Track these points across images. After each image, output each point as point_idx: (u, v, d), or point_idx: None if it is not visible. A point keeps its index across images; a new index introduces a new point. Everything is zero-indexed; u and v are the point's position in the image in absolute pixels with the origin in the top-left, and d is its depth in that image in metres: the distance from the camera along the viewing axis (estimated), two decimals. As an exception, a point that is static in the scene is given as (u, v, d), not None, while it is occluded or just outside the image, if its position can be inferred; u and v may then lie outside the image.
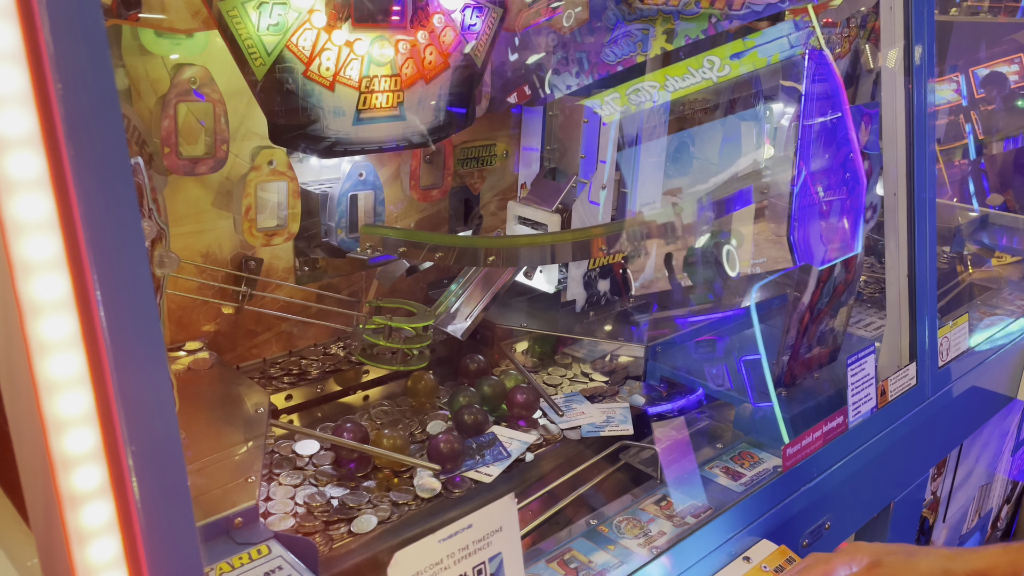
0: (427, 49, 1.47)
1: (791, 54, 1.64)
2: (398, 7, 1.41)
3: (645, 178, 1.85)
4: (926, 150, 1.61)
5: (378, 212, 1.64)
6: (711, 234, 2.01)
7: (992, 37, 3.49)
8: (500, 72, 1.74)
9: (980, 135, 2.96)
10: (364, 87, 1.41)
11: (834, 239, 1.58)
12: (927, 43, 1.61)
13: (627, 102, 1.69)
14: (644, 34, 1.69)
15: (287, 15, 1.28)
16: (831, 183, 1.61)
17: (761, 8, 1.60)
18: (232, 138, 1.40)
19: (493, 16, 1.56)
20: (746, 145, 2.06)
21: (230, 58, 1.24)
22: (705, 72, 1.63)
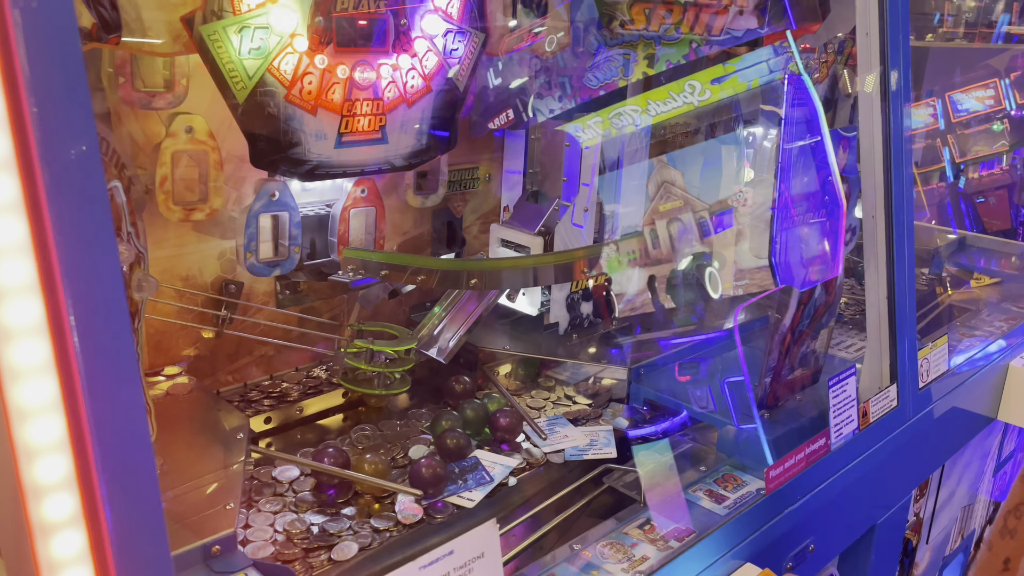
0: (409, 73, 1.48)
1: (771, 79, 1.66)
2: (380, 32, 1.42)
3: (628, 201, 1.86)
4: (903, 173, 1.63)
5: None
6: (693, 256, 2.02)
7: (968, 62, 3.56)
8: (483, 96, 1.75)
9: (957, 158, 3.00)
10: (346, 111, 1.41)
11: (815, 261, 1.59)
12: (903, 68, 1.64)
13: (609, 126, 1.70)
14: (626, 59, 1.71)
15: (269, 39, 1.28)
16: (811, 206, 1.63)
17: (740, 34, 1.62)
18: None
19: (475, 41, 1.57)
20: (727, 169, 2.08)
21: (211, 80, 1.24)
22: (686, 96, 1.65)
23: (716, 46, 1.63)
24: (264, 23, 1.27)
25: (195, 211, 1.41)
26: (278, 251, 1.53)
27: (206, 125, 1.38)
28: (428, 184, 1.74)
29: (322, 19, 1.33)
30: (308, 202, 1.56)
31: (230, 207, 1.46)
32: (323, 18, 1.33)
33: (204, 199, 1.41)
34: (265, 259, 1.51)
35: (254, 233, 1.49)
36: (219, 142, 1.39)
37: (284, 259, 1.53)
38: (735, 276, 2.08)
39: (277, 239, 1.53)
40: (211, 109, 1.36)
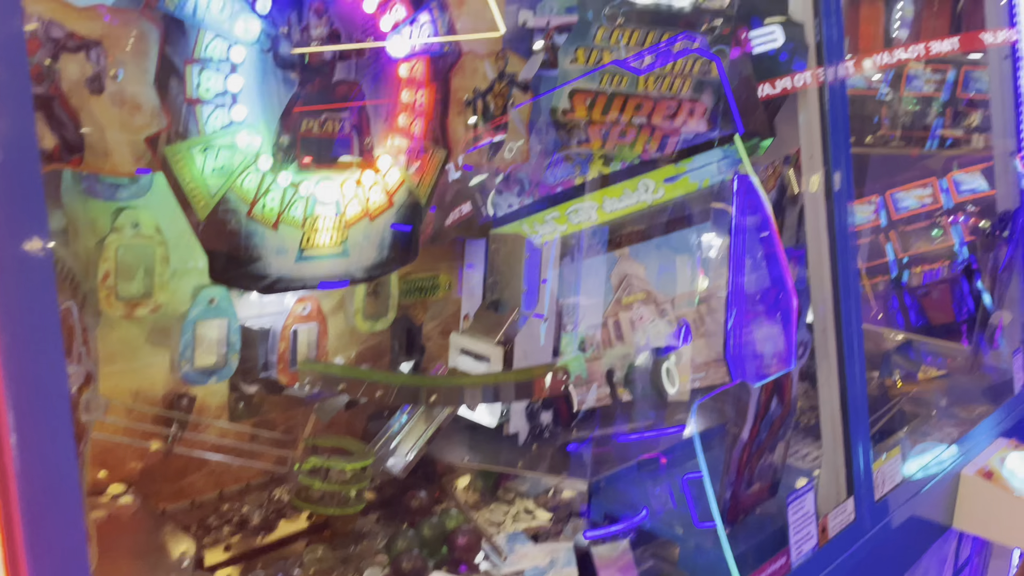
0: (372, 189, 1.50)
1: (721, 179, 1.73)
2: (345, 150, 1.44)
3: (587, 299, 1.89)
4: (849, 269, 1.69)
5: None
6: (650, 351, 2.04)
7: (907, 163, 3.74)
8: (443, 202, 1.78)
9: (899, 253, 3.11)
10: (308, 226, 1.41)
11: (769, 353, 1.62)
12: (845, 169, 1.72)
13: (566, 221, 1.74)
14: (583, 158, 1.76)
15: (233, 157, 1.29)
16: (764, 298, 1.67)
17: (691, 137, 1.70)
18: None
19: (437, 156, 1.60)
20: (680, 266, 2.13)
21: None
22: (640, 194, 1.70)
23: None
24: (229, 142, 1.28)
25: (139, 307, 1.36)
26: (215, 359, 1.47)
27: (153, 219, 1.35)
28: (379, 306, 1.72)
29: (287, 138, 1.35)
30: (248, 315, 1.53)
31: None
32: (288, 137, 1.35)
33: (149, 294, 1.37)
34: (201, 367, 1.46)
35: (190, 340, 1.43)
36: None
37: (221, 367, 1.48)
38: (692, 370, 2.11)
39: (215, 347, 1.48)
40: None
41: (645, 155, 1.75)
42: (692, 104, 1.71)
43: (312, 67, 1.37)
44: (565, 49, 1.66)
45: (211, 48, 1.23)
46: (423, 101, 1.55)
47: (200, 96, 1.24)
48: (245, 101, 1.28)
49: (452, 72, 1.61)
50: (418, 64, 1.53)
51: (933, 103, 10.09)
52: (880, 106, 9.55)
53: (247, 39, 1.27)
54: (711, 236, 2.16)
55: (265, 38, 1.29)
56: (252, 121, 1.30)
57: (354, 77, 1.43)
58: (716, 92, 1.70)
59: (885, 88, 9.41)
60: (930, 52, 2.36)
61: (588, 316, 1.95)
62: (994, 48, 2.70)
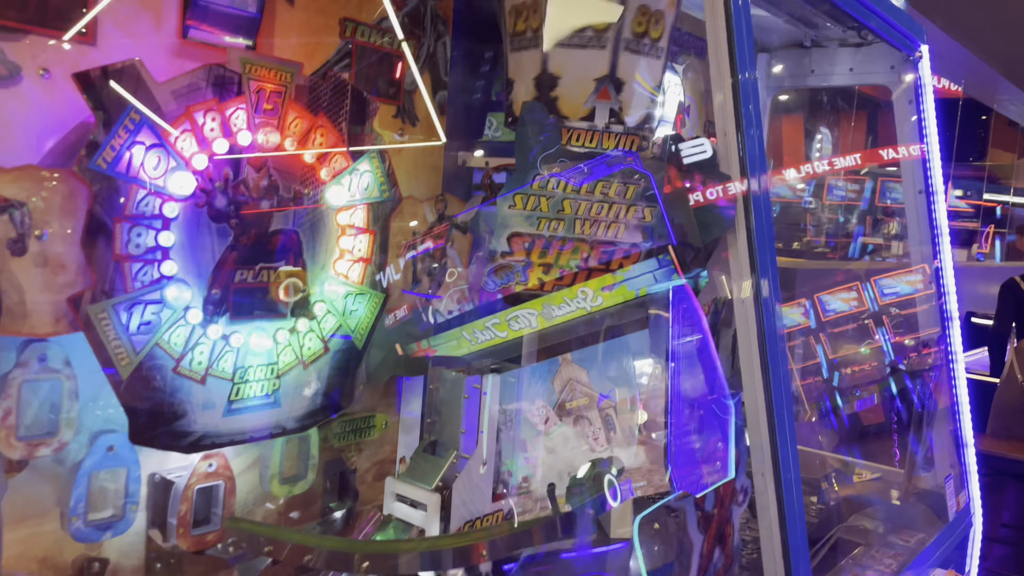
0: (307, 336, 1.47)
1: (656, 288, 1.75)
2: (278, 298, 1.41)
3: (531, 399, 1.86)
4: (780, 369, 1.71)
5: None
6: (591, 463, 2.01)
7: (832, 269, 3.89)
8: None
9: (829, 355, 3.18)
10: (238, 378, 1.37)
11: (709, 462, 1.61)
12: (771, 275, 1.76)
13: (507, 328, 1.72)
14: (524, 254, 1.77)
15: (161, 314, 1.25)
16: (702, 404, 1.67)
17: (627, 247, 1.73)
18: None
19: (375, 301, 1.59)
20: (621, 371, 2.13)
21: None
22: (580, 302, 1.70)
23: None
24: (157, 298, 1.24)
25: (41, 446, 1.23)
26: (112, 512, 1.34)
27: (62, 351, 1.23)
28: (298, 468, 1.61)
29: (219, 291, 1.32)
30: (152, 465, 1.41)
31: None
32: (220, 290, 1.32)
33: (53, 432, 1.24)
34: (95, 520, 1.32)
35: (83, 493, 1.29)
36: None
37: (119, 519, 1.34)
38: (633, 478, 2.07)
39: (111, 499, 1.34)
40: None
41: (583, 264, 1.78)
42: (627, 219, 1.75)
43: (248, 218, 1.35)
44: (503, 194, 1.69)
45: (143, 205, 1.21)
46: (362, 247, 1.55)
47: (129, 252, 1.21)
48: (176, 256, 1.26)
49: (392, 217, 1.61)
50: (357, 211, 1.53)
51: (854, 211, 10.64)
52: (805, 214, 10.00)
53: (181, 195, 1.25)
54: (650, 342, 2.17)
55: (200, 193, 1.27)
56: (183, 275, 1.27)
57: (292, 226, 1.42)
58: (650, 203, 1.74)
59: (809, 197, 9.88)
60: (842, 166, 2.48)
61: (528, 424, 1.91)
62: (906, 161, 2.84)
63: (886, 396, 2.97)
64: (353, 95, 1.50)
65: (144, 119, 1.20)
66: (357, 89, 1.51)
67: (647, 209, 1.73)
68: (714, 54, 1.67)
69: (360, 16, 1.62)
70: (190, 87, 1.25)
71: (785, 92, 3.01)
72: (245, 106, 1.31)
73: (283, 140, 1.38)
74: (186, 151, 1.25)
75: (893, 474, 2.78)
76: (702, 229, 1.81)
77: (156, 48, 1.32)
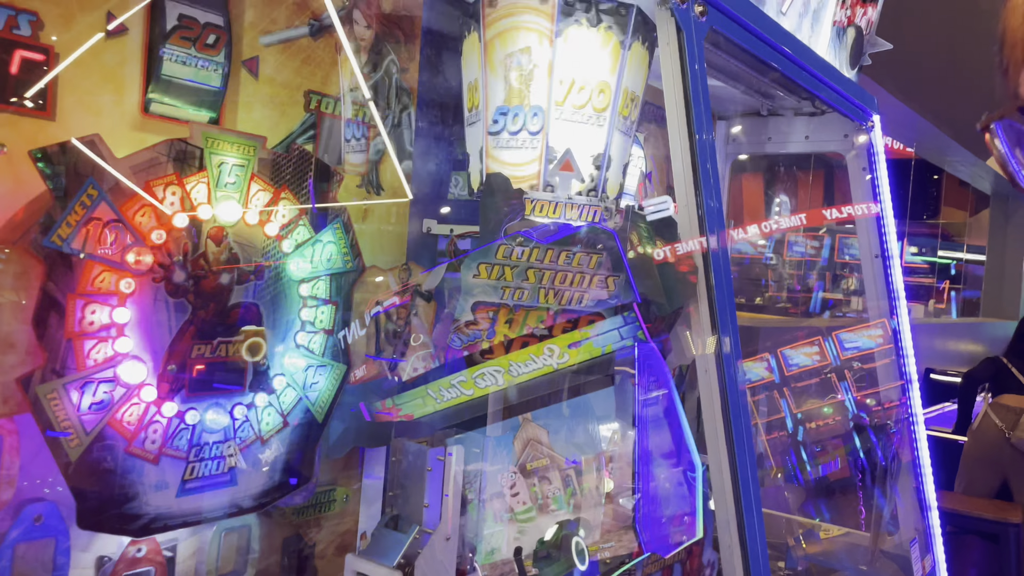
0: (266, 411, 1.44)
1: (622, 344, 1.75)
2: (236, 376, 1.39)
3: (493, 460, 1.83)
4: (743, 422, 1.71)
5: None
6: (559, 525, 1.97)
7: (792, 329, 3.94)
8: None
9: (794, 409, 3.19)
10: (193, 456, 1.33)
11: (676, 520, 1.59)
12: (732, 331, 1.77)
13: (473, 385, 1.70)
14: (489, 315, 1.76)
15: (114, 391, 1.22)
16: (668, 464, 1.66)
17: (593, 304, 1.73)
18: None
19: (337, 373, 1.56)
20: (585, 430, 2.11)
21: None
22: (546, 359, 1.69)
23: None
24: (110, 375, 1.21)
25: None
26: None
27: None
28: (236, 563, 1.53)
29: (175, 367, 1.29)
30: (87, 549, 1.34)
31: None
32: (176, 366, 1.29)
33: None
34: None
35: (7, 566, 1.21)
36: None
37: None
38: (601, 539, 2.04)
39: (37, 572, 1.24)
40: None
41: (549, 320, 1.78)
42: (592, 288, 1.76)
43: (207, 292, 1.33)
44: (467, 264, 1.69)
45: (98, 281, 1.19)
46: (324, 318, 1.53)
47: (83, 330, 1.18)
48: (132, 332, 1.23)
49: (355, 287, 1.60)
50: (320, 282, 1.52)
51: (814, 267, 10.82)
52: (767, 269, 10.15)
53: (138, 269, 1.23)
54: (616, 400, 2.17)
55: (158, 268, 1.25)
56: (138, 351, 1.24)
57: (252, 299, 1.41)
58: (615, 262, 1.75)
59: (770, 253, 10.03)
60: (789, 226, 2.53)
61: (492, 481, 1.88)
62: (862, 225, 2.91)
63: (851, 451, 3.00)
64: (317, 167, 1.50)
65: (101, 195, 1.18)
66: (321, 161, 1.51)
67: (610, 279, 1.74)
68: (673, 117, 1.71)
69: (326, 89, 1.63)
70: (150, 162, 1.24)
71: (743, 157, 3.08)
72: (207, 180, 1.31)
73: (245, 213, 1.37)
74: (144, 226, 1.23)
75: (860, 536, 2.78)
76: (668, 295, 1.83)
77: (117, 122, 1.31)
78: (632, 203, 2.37)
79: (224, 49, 1.42)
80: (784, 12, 2.22)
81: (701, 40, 1.72)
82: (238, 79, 1.47)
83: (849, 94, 2.46)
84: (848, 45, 2.62)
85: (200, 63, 1.38)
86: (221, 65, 1.41)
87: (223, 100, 1.43)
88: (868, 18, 2.68)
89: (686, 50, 1.67)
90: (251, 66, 1.49)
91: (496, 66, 1.71)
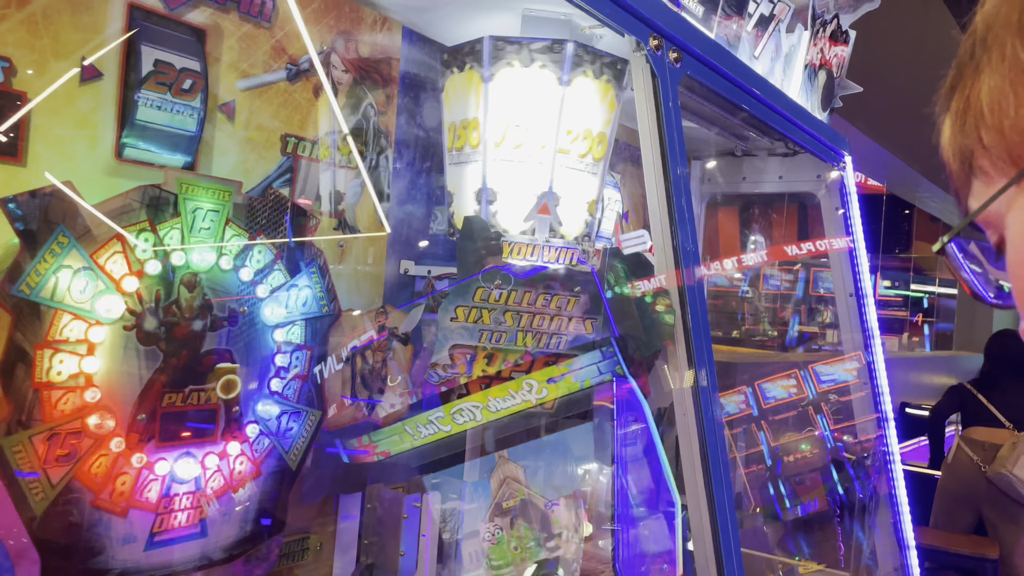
0: (238, 459, 1.41)
1: (601, 379, 1.74)
2: (209, 423, 1.36)
3: (471, 498, 1.80)
4: (720, 461, 1.71)
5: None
6: (537, 564, 1.95)
7: (771, 364, 3.97)
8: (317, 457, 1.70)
9: (772, 442, 3.19)
10: (162, 507, 1.30)
11: (656, 560, 1.57)
12: (708, 365, 1.77)
13: (451, 422, 1.68)
14: (466, 358, 1.74)
15: (81, 442, 1.19)
16: (647, 502, 1.64)
17: (571, 338, 1.72)
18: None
19: (312, 419, 1.54)
20: (562, 468, 2.10)
21: None
22: (525, 394, 1.68)
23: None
24: (77, 427, 1.18)
25: None
26: None
27: None
28: None
29: (145, 417, 1.27)
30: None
31: None
32: (146, 416, 1.27)
33: None
34: None
35: None
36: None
37: None
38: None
39: None
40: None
41: (528, 355, 1.77)
42: (570, 331, 1.76)
43: (179, 339, 1.31)
44: (445, 307, 1.68)
45: (67, 330, 1.17)
46: (299, 363, 1.51)
47: (50, 380, 1.15)
48: (101, 382, 1.21)
49: (331, 331, 1.59)
50: (294, 327, 1.50)
51: (789, 300, 10.89)
52: (743, 303, 10.20)
53: (109, 318, 1.21)
54: (593, 434, 2.16)
55: (129, 315, 1.23)
56: (107, 402, 1.22)
57: (225, 346, 1.38)
58: (594, 303, 1.76)
59: (746, 287, 10.10)
60: (756, 262, 2.56)
61: (469, 520, 1.85)
62: (836, 264, 2.94)
63: (829, 487, 3.00)
64: (293, 210, 1.49)
65: (72, 242, 1.16)
66: (297, 205, 1.51)
67: (588, 322, 1.74)
68: (648, 158, 1.73)
69: (303, 132, 1.63)
70: (123, 208, 1.23)
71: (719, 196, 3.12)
72: (180, 226, 1.29)
73: (219, 259, 1.35)
74: (116, 273, 1.22)
75: (838, 575, 2.77)
76: (648, 335, 1.84)
77: (90, 168, 1.30)
78: (609, 244, 2.39)
79: (200, 94, 1.41)
80: (757, 56, 2.26)
81: (676, 85, 1.75)
82: (214, 123, 1.46)
83: (821, 136, 2.51)
84: (819, 88, 2.67)
85: (176, 108, 1.38)
86: (197, 110, 1.40)
87: (198, 144, 1.42)
88: (838, 61, 2.74)
89: (661, 95, 1.69)
90: (227, 110, 1.49)
91: (498, 107, 1.72)
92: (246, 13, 1.48)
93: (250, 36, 1.51)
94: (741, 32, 2.14)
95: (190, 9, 1.40)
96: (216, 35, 1.45)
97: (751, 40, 2.21)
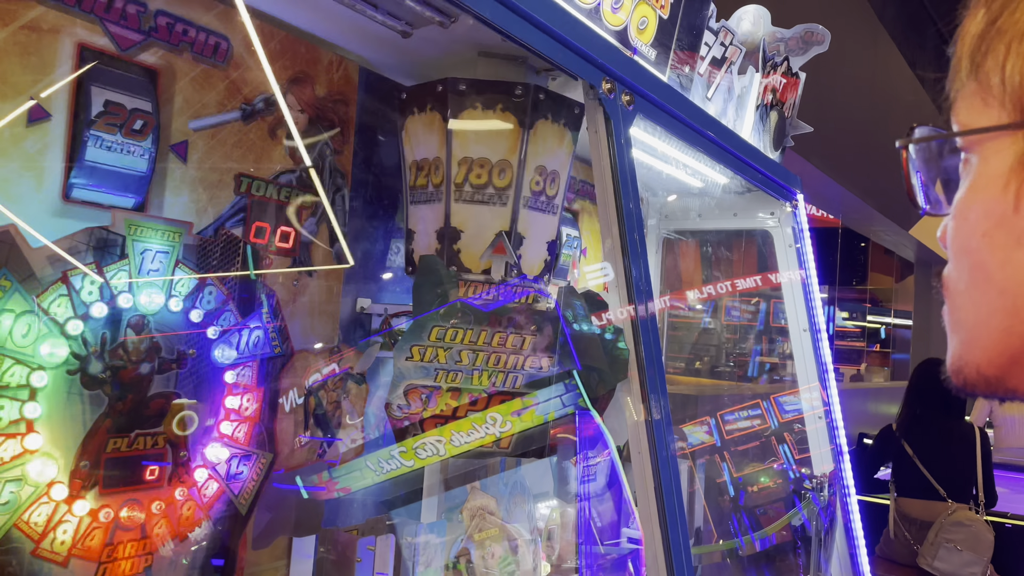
0: (185, 505, 1.38)
1: (564, 412, 1.74)
2: (156, 467, 1.34)
3: (437, 531, 1.78)
4: (673, 489, 1.71)
5: None
6: None
7: (729, 395, 3.99)
8: (270, 500, 1.67)
9: (734, 473, 3.21)
10: (106, 556, 1.27)
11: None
12: (661, 396, 1.78)
13: (413, 456, 1.67)
14: (422, 397, 1.73)
15: (21, 492, 1.16)
16: (612, 531, 1.63)
17: (531, 373, 1.72)
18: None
19: (262, 462, 1.52)
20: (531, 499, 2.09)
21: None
22: (488, 427, 1.67)
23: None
24: (17, 475, 1.15)
25: None
26: None
27: None
28: None
29: (88, 463, 1.24)
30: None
31: None
32: (89, 462, 1.24)
33: None
34: None
35: None
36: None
37: None
38: None
39: None
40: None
41: (492, 388, 1.76)
42: (527, 370, 1.76)
43: (125, 383, 1.29)
44: (400, 346, 1.68)
45: (8, 375, 1.14)
46: (250, 406, 1.50)
47: (-12, 427, 1.12)
48: (43, 427, 1.18)
49: (283, 372, 1.57)
50: (245, 369, 1.49)
51: (750, 332, 11.05)
52: (705, 334, 10.30)
53: (52, 363, 1.18)
54: (560, 466, 2.15)
55: (73, 359, 1.21)
56: (49, 448, 1.19)
57: (173, 389, 1.36)
58: (554, 333, 1.76)
59: (708, 318, 10.21)
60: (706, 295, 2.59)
61: (431, 554, 1.83)
62: (790, 300, 2.99)
63: (791, 516, 3.01)
64: (245, 251, 1.48)
65: (16, 286, 1.14)
66: (249, 244, 1.50)
67: (546, 359, 1.75)
68: (601, 197, 1.75)
69: (257, 172, 1.62)
70: (69, 251, 1.21)
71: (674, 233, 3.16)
72: (128, 268, 1.28)
73: (168, 300, 1.34)
74: (60, 316, 1.20)
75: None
76: (610, 368, 1.84)
77: (36, 209, 1.28)
78: (566, 282, 2.40)
79: (152, 134, 1.41)
80: (709, 98, 2.31)
81: (628, 127, 1.78)
82: (165, 163, 1.45)
83: (773, 175, 2.57)
84: (771, 128, 2.74)
85: (126, 148, 1.37)
86: (148, 150, 1.40)
87: (149, 185, 1.41)
88: (790, 102, 2.82)
89: (614, 136, 1.72)
90: (180, 150, 1.48)
91: (459, 148, 1.73)
92: (199, 54, 1.48)
93: (204, 76, 1.51)
94: (694, 75, 2.19)
95: (142, 50, 1.39)
96: (169, 76, 1.45)
97: (703, 82, 2.26)
